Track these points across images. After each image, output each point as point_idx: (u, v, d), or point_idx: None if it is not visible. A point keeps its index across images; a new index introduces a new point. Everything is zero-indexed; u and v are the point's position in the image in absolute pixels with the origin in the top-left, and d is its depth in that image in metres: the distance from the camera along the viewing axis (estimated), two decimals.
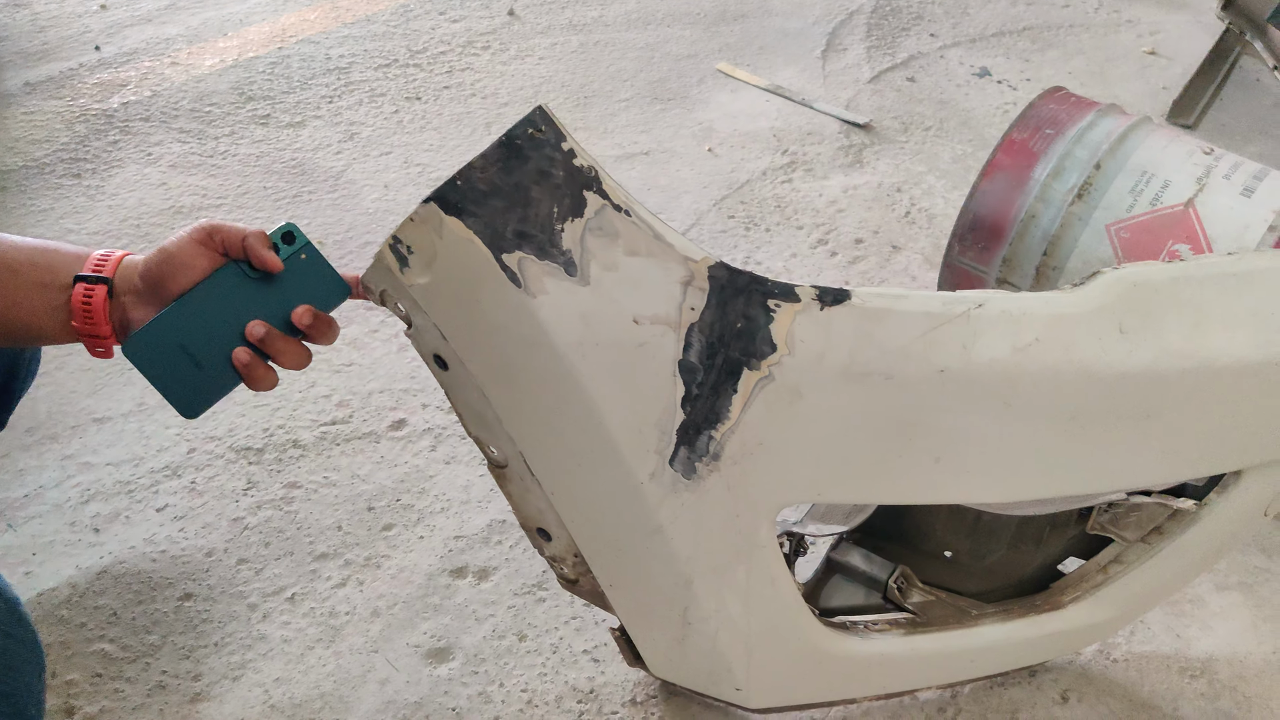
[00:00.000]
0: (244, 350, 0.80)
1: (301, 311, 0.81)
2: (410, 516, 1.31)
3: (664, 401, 0.79)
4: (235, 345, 0.80)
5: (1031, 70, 2.36)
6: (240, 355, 0.80)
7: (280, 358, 0.82)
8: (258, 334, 0.80)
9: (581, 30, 2.47)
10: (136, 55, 2.29)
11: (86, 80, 2.19)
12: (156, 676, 1.13)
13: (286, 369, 0.83)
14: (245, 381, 0.82)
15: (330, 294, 0.83)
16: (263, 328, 0.80)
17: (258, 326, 0.80)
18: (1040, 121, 1.34)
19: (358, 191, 1.90)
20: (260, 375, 0.81)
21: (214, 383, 0.81)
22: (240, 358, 0.80)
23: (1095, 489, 0.87)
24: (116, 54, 2.29)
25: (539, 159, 0.73)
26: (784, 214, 1.91)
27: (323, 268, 0.83)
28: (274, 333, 0.81)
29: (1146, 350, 0.78)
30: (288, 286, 0.82)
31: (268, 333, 0.80)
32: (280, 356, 0.82)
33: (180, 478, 1.35)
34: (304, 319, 0.81)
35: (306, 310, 0.81)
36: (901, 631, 1.02)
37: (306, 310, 0.81)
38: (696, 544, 0.87)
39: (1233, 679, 1.17)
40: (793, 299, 0.77)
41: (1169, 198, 1.24)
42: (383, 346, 1.55)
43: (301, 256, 0.82)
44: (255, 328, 0.80)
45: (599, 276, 0.75)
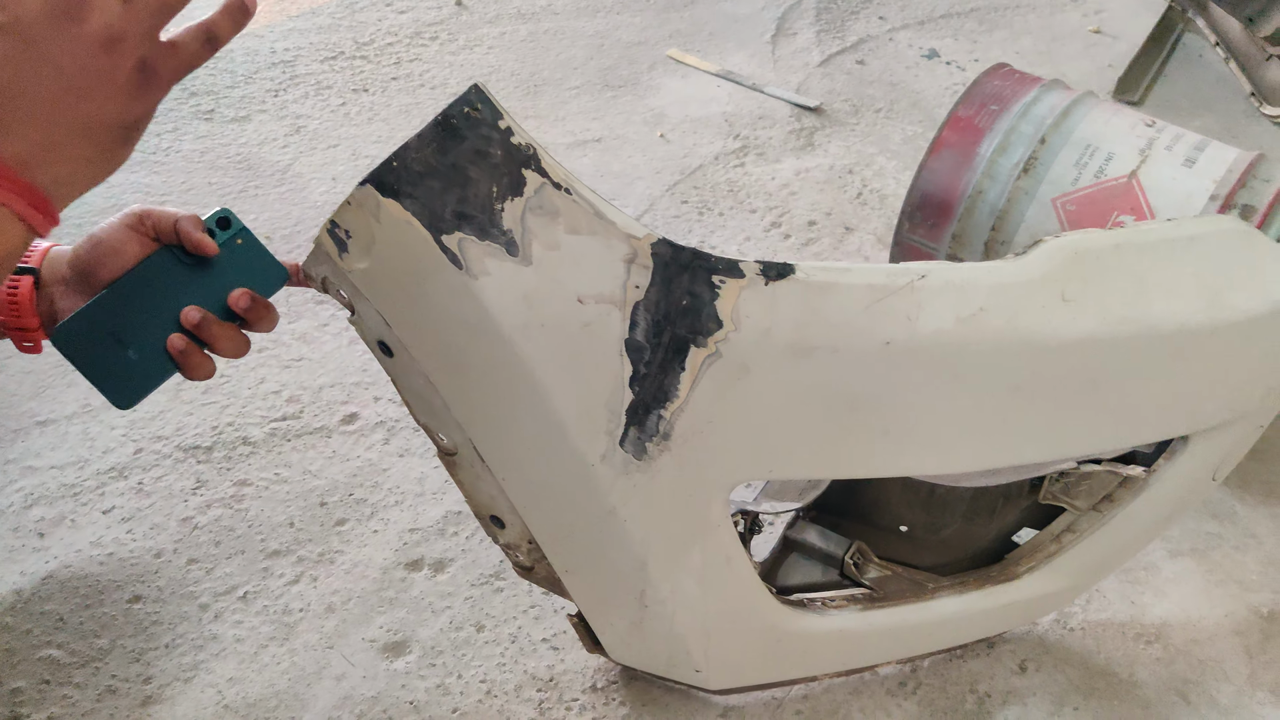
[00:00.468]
0: (179, 337, 0.78)
1: (239, 294, 0.79)
2: (364, 511, 1.29)
3: (612, 382, 0.78)
4: (170, 332, 0.78)
5: (979, 51, 2.38)
6: (175, 342, 0.77)
7: (217, 344, 0.79)
8: (193, 319, 0.77)
9: (530, 19, 2.45)
10: None
11: None
12: (106, 680, 1.11)
13: (224, 356, 0.80)
14: (181, 370, 0.79)
15: (268, 279, 0.81)
16: (198, 313, 0.77)
17: (193, 312, 0.77)
18: (985, 98, 1.35)
19: (305, 185, 1.88)
20: (196, 363, 0.79)
21: (148, 372, 0.78)
22: (175, 345, 0.77)
23: (1045, 458, 0.88)
24: None
25: (475, 138, 0.72)
26: (737, 198, 1.91)
27: (260, 253, 0.81)
28: (210, 318, 0.78)
29: (1090, 317, 0.79)
30: (223, 272, 0.80)
31: (203, 318, 0.78)
32: (217, 343, 0.79)
33: (127, 479, 1.32)
34: (241, 302, 0.79)
35: (244, 293, 0.79)
36: (859, 607, 1.02)
37: (244, 293, 0.79)
38: (650, 525, 0.86)
39: (1187, 643, 1.19)
40: (737, 274, 0.77)
41: (1113, 170, 1.25)
42: (333, 340, 1.53)
43: (237, 241, 0.80)
44: (190, 313, 0.77)
45: (541, 256, 0.74)
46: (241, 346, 0.80)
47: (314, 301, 1.59)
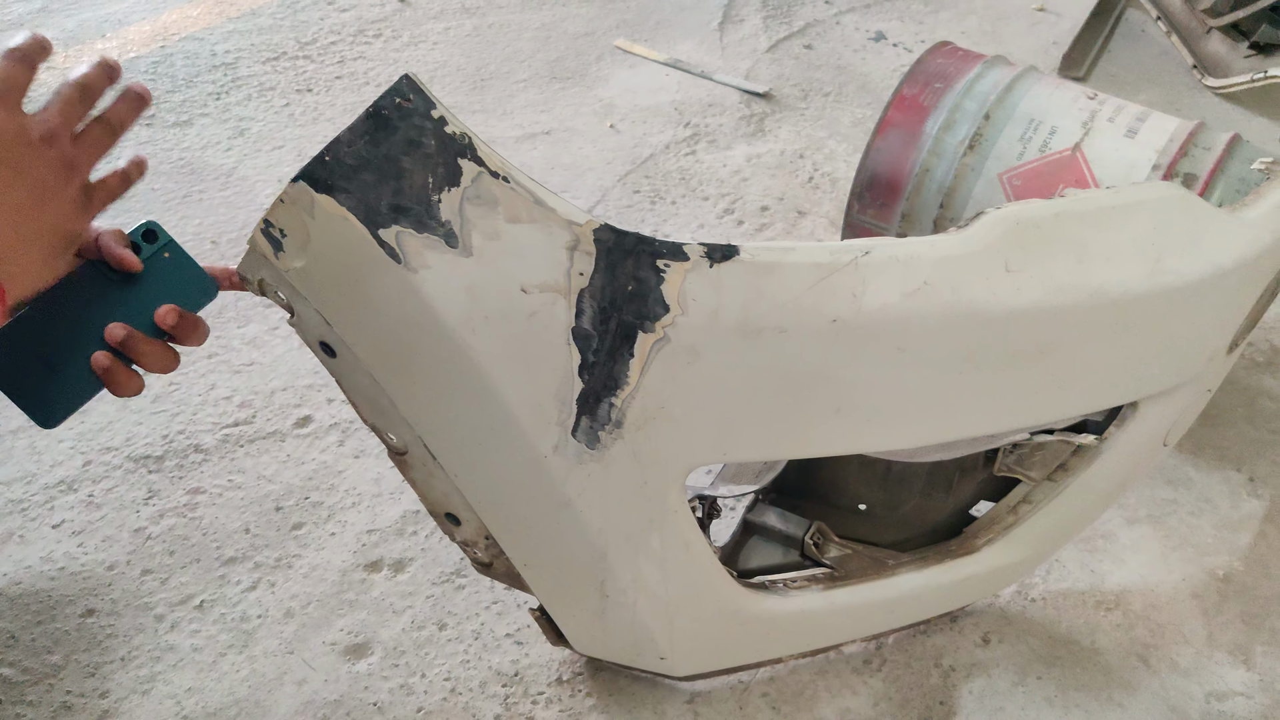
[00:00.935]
0: (103, 354, 0.76)
1: (165, 312, 0.78)
2: (320, 514, 1.27)
3: (561, 371, 0.78)
4: (94, 349, 0.76)
5: (926, 32, 2.39)
6: (99, 359, 0.76)
7: (143, 361, 0.78)
8: (117, 336, 0.76)
9: (475, 13, 2.43)
10: None
11: None
12: (61, 697, 1.09)
13: (151, 372, 0.79)
14: (107, 387, 0.77)
15: (197, 293, 0.80)
16: (123, 330, 0.76)
17: (118, 329, 0.76)
18: (929, 76, 1.35)
19: (251, 188, 1.85)
20: (122, 380, 0.77)
21: (73, 390, 0.76)
22: (99, 362, 0.76)
23: (996, 429, 0.88)
24: None
25: (408, 129, 0.71)
26: (689, 186, 1.91)
27: (188, 265, 0.79)
28: (135, 335, 0.77)
29: (1034, 287, 0.79)
30: (150, 287, 0.78)
31: (128, 335, 0.76)
32: (143, 360, 0.78)
33: (76, 491, 1.30)
34: (168, 319, 0.78)
35: (170, 310, 0.78)
36: (821, 587, 1.02)
37: (170, 310, 0.78)
38: (607, 514, 0.86)
39: (1146, 608, 1.20)
40: (681, 258, 0.76)
41: (1057, 143, 1.26)
42: (284, 344, 1.51)
43: (165, 255, 0.79)
44: (115, 330, 0.76)
45: (482, 246, 0.73)
46: (169, 362, 0.79)
47: (263, 305, 1.56)
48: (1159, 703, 1.11)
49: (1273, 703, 1.12)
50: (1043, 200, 0.80)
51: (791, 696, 1.10)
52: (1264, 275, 0.92)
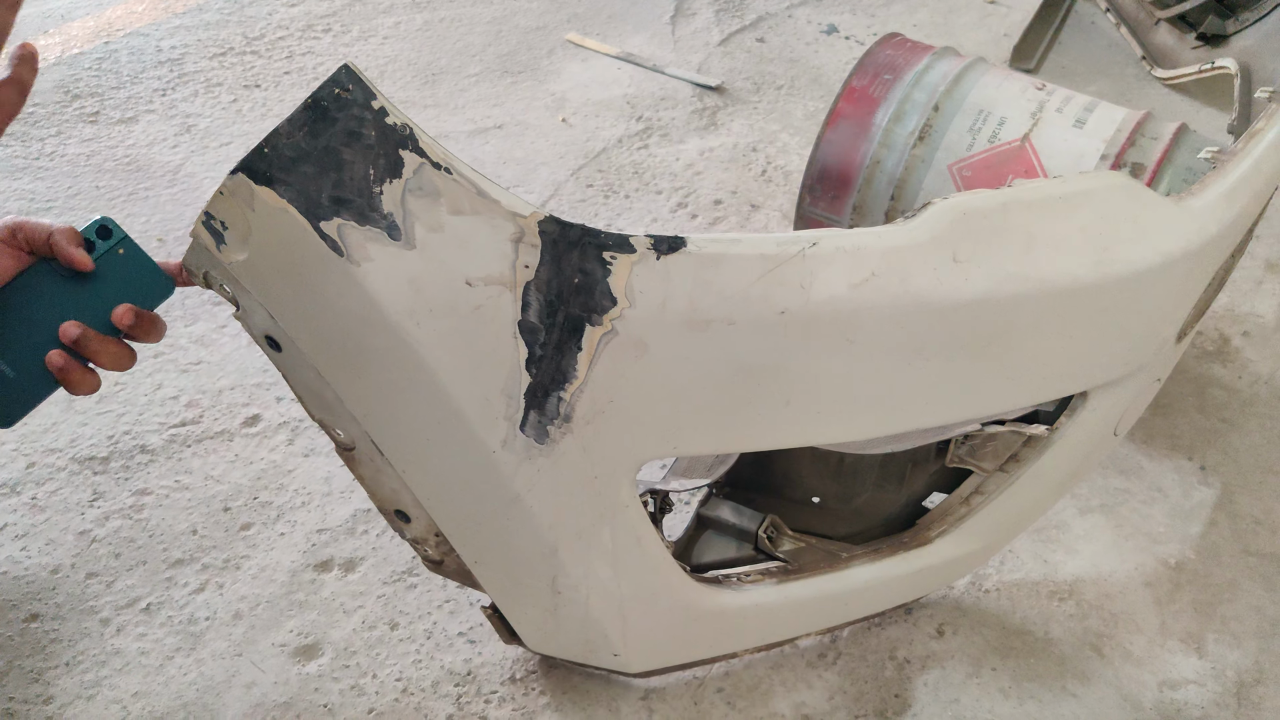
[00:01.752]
0: (58, 354, 0.75)
1: (122, 311, 0.76)
2: (269, 514, 1.25)
3: (508, 365, 0.77)
4: (48, 349, 0.75)
5: (878, 25, 2.40)
6: (54, 359, 0.74)
7: (98, 359, 0.76)
8: (72, 335, 0.75)
9: (425, 7, 2.41)
10: None
11: None
12: (4, 704, 1.06)
13: (107, 370, 0.77)
14: (63, 386, 0.76)
15: (153, 290, 0.79)
16: (77, 329, 0.75)
17: (72, 328, 0.75)
18: (879, 68, 1.36)
19: (198, 185, 1.82)
20: (77, 379, 0.76)
21: (27, 390, 0.75)
22: (54, 361, 0.74)
23: (946, 420, 0.88)
24: None
25: (347, 119, 0.70)
26: (642, 180, 1.90)
27: (143, 262, 0.78)
28: (90, 333, 0.75)
29: (982, 277, 0.79)
30: (105, 284, 0.77)
31: (83, 334, 0.75)
32: (98, 358, 0.76)
33: (19, 494, 1.27)
34: (125, 319, 0.76)
35: (127, 310, 0.76)
36: (775, 580, 1.02)
37: (127, 310, 0.76)
38: (557, 510, 0.85)
39: (1099, 598, 1.21)
40: (628, 250, 0.75)
41: (1006, 134, 1.26)
42: (232, 342, 1.49)
43: (119, 251, 0.77)
44: (69, 329, 0.75)
45: (425, 239, 0.72)
46: (125, 360, 0.77)
47: (211, 303, 1.54)
48: (1112, 692, 1.13)
49: (1224, 690, 1.13)
50: (990, 190, 0.80)
51: (746, 691, 1.10)
52: (1211, 264, 0.92)
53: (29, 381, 0.75)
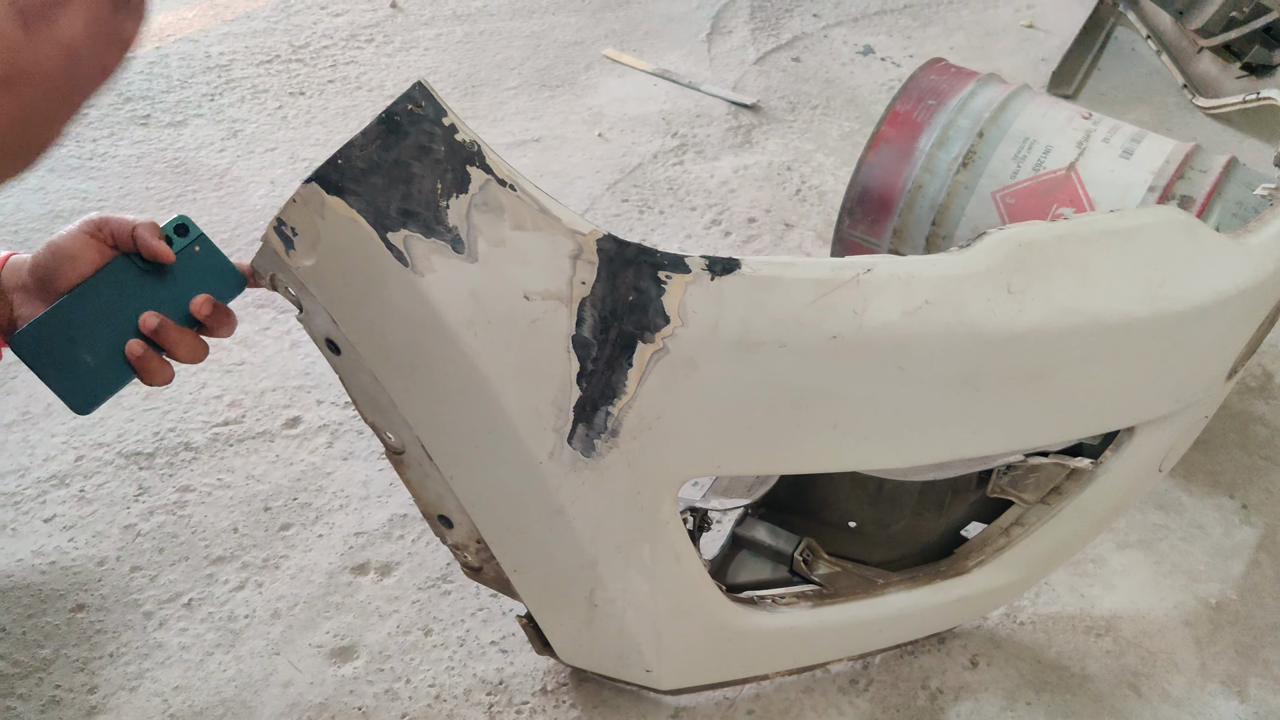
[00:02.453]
0: (138, 343, 0.77)
1: (200, 301, 0.79)
2: (308, 515, 1.27)
3: (559, 378, 0.78)
4: (128, 338, 0.77)
5: (914, 47, 2.41)
6: (133, 348, 0.77)
7: (175, 350, 0.79)
8: (151, 325, 0.77)
9: (466, 20, 2.43)
10: None
11: None
12: (50, 691, 1.08)
13: (182, 362, 0.80)
14: (139, 375, 0.79)
15: (226, 286, 0.81)
16: (156, 319, 0.77)
17: (151, 318, 0.77)
18: (922, 93, 1.36)
19: (244, 189, 1.84)
20: (154, 368, 0.78)
21: (106, 377, 0.78)
22: (133, 350, 0.77)
23: (992, 451, 0.88)
24: None
25: (419, 134, 0.71)
26: (677, 196, 1.91)
27: (217, 259, 0.81)
28: (168, 324, 0.78)
29: (1035, 309, 0.79)
30: (181, 279, 0.79)
31: (161, 324, 0.78)
32: (175, 348, 0.79)
33: (68, 486, 1.29)
34: (203, 309, 0.79)
35: (206, 300, 0.79)
36: (809, 604, 1.02)
37: (206, 300, 0.79)
38: (599, 523, 0.86)
39: (1137, 635, 1.20)
40: (683, 270, 0.76)
41: (1051, 163, 1.27)
42: (274, 344, 1.51)
43: (195, 249, 0.80)
44: (149, 319, 0.77)
45: (487, 253, 0.73)
46: (199, 352, 0.80)
47: (254, 306, 1.56)
48: None
49: None
50: (1045, 222, 0.80)
51: (777, 715, 1.11)
52: (1266, 302, 0.92)
53: (107, 370, 0.78)
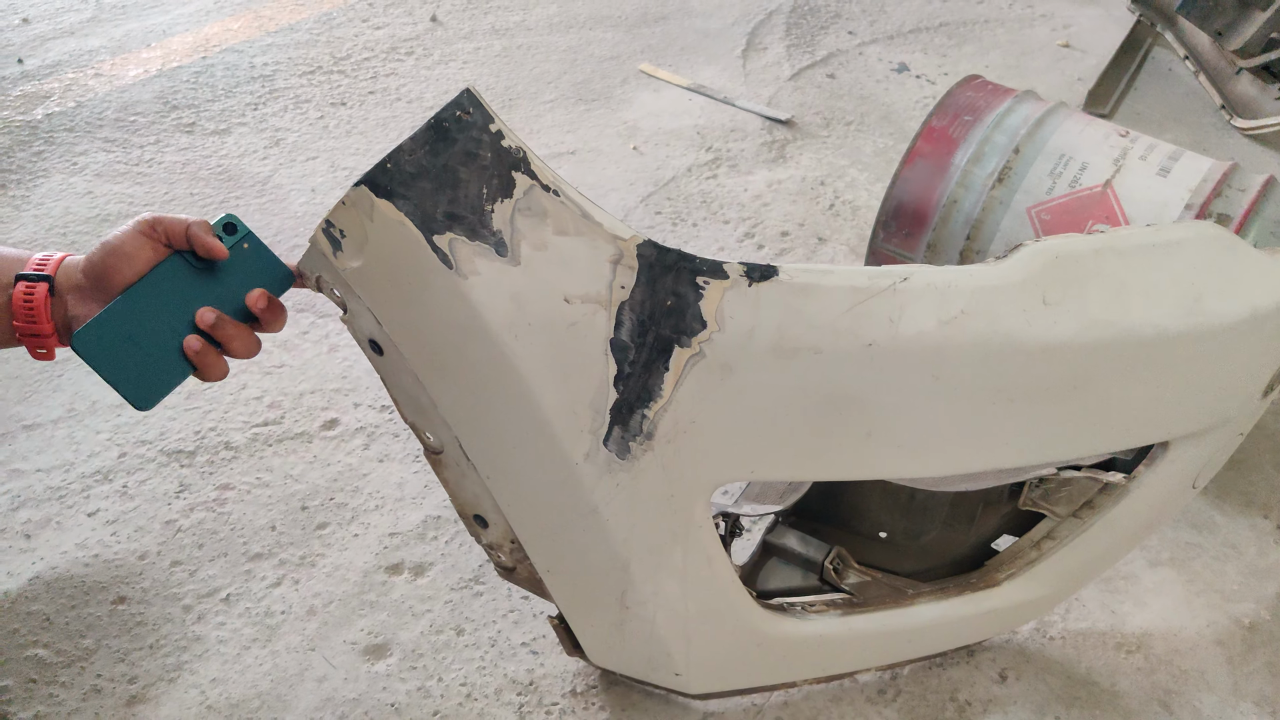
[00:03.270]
0: (195, 338, 0.80)
1: (257, 295, 0.81)
2: (344, 515, 1.29)
3: (597, 381, 0.79)
4: (184, 334, 0.80)
5: (949, 65, 2.41)
6: (191, 343, 0.79)
7: (231, 344, 0.81)
8: (208, 320, 0.79)
9: (504, 35, 2.46)
10: (60, 67, 2.25)
11: (10, 93, 2.14)
12: (91, 680, 1.11)
13: (237, 357, 0.82)
14: (196, 370, 0.81)
15: (275, 281, 0.83)
16: (213, 314, 0.80)
17: (208, 313, 0.80)
18: (959, 109, 1.37)
19: (285, 196, 1.88)
20: (211, 363, 0.81)
21: (165, 373, 0.80)
22: (191, 345, 0.79)
23: (1025, 462, 0.89)
24: (40, 66, 2.25)
25: (466, 140, 0.73)
26: (710, 209, 1.92)
27: (266, 256, 0.83)
28: (224, 319, 0.80)
29: (1071, 321, 0.80)
30: (233, 275, 0.82)
31: (218, 319, 0.80)
32: (231, 343, 0.81)
33: (111, 482, 1.32)
34: (259, 303, 0.81)
35: (261, 294, 0.81)
36: (839, 612, 1.02)
37: (261, 294, 0.81)
38: (632, 525, 0.87)
39: (1168, 653, 1.20)
40: (721, 276, 0.78)
41: (1087, 179, 1.27)
42: (313, 348, 1.53)
43: (244, 246, 0.82)
44: (206, 314, 0.80)
45: (529, 256, 0.75)
46: (253, 347, 0.82)
47: (294, 310, 1.59)
48: None
49: None
50: (1082, 235, 0.81)
51: None
52: None
53: (166, 366, 0.80)
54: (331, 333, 1.56)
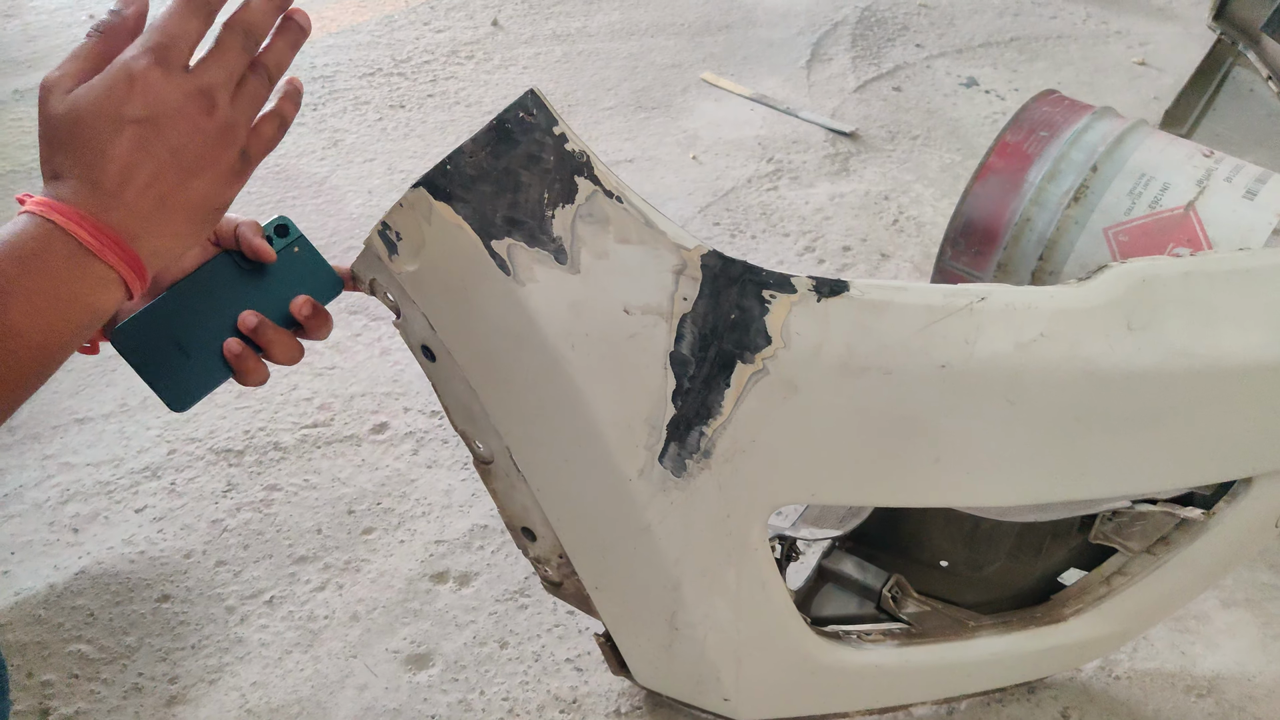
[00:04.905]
0: (236, 341, 0.77)
1: (301, 302, 0.78)
2: (391, 520, 1.28)
3: (654, 395, 0.77)
4: (226, 337, 0.77)
5: (1020, 80, 2.36)
6: (232, 346, 0.77)
7: (272, 350, 0.78)
8: (250, 324, 0.77)
9: (565, 40, 2.46)
10: None
11: None
12: (133, 678, 1.10)
13: (278, 363, 0.79)
14: (235, 374, 0.78)
15: (324, 288, 0.81)
16: (255, 318, 0.77)
17: (251, 316, 0.77)
18: (1034, 124, 1.33)
19: (341, 197, 1.88)
20: (251, 368, 0.78)
21: (203, 375, 0.78)
22: (232, 348, 0.77)
23: (1099, 494, 0.85)
24: None
25: (529, 143, 0.71)
26: (770, 221, 1.89)
27: (316, 261, 0.81)
28: (267, 323, 0.77)
29: (1155, 348, 0.76)
30: (280, 279, 0.79)
31: (260, 323, 0.77)
32: (272, 348, 0.78)
33: (160, 479, 1.32)
34: (304, 310, 0.78)
35: (306, 301, 0.78)
36: (896, 643, 0.99)
37: (306, 301, 0.78)
38: (686, 545, 0.84)
39: (1241, 699, 1.14)
40: (789, 289, 0.75)
41: (1168, 200, 1.22)
42: (365, 350, 1.53)
43: (295, 250, 0.80)
44: (248, 318, 0.77)
45: (589, 265, 0.73)
46: (296, 353, 0.79)
47: (347, 311, 1.58)
48: None
49: None
50: (1170, 258, 0.77)
51: None
52: None
53: (205, 368, 0.77)
54: (384, 336, 1.55)
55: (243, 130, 0.67)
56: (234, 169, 0.67)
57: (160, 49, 0.62)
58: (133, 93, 0.61)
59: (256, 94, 0.68)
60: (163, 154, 0.63)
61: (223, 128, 0.65)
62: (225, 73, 0.65)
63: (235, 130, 0.66)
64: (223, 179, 0.67)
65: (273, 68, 0.68)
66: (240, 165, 0.68)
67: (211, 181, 0.66)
